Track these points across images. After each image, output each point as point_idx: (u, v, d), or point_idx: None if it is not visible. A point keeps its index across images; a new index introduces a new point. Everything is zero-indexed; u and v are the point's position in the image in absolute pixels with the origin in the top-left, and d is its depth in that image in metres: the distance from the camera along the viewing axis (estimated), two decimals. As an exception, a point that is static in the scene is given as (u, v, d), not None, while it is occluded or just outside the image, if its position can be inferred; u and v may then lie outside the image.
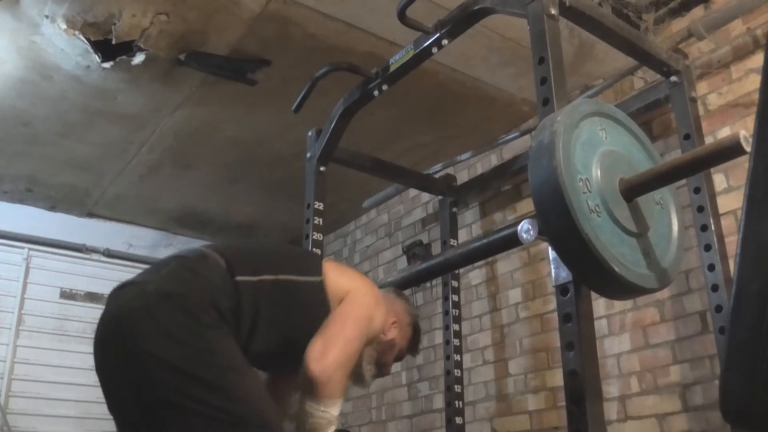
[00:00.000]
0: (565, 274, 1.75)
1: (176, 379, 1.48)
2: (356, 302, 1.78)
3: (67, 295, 4.45)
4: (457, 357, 3.28)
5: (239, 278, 1.64)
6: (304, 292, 1.75)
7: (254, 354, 1.65)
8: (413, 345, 2.11)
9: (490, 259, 3.51)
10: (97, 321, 1.67)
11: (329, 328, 1.70)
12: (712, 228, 2.40)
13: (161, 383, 1.49)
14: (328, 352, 1.65)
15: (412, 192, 4.18)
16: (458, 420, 3.15)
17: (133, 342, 1.51)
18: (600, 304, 2.90)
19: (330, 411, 1.65)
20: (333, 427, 1.68)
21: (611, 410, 2.80)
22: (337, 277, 1.81)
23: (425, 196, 4.09)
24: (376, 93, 2.66)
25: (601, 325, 2.90)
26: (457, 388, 3.21)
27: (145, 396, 1.52)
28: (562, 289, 1.76)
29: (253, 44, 2.90)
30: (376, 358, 1.94)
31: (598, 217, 1.60)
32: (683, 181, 2.45)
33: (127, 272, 4.65)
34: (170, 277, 1.61)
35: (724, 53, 2.71)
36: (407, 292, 3.90)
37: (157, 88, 3.19)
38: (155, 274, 1.64)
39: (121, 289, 1.65)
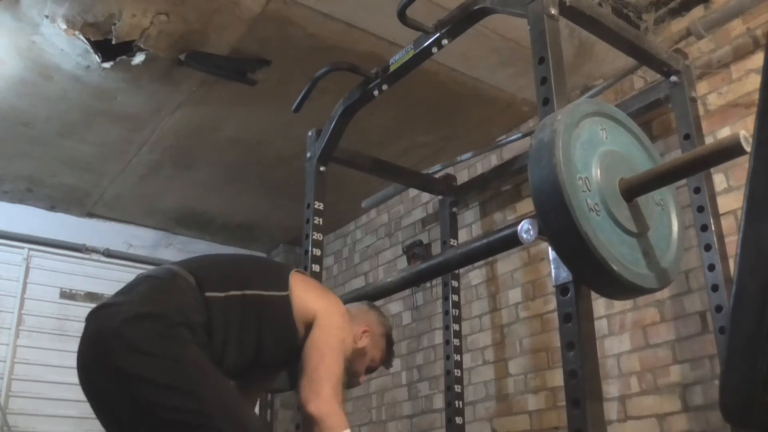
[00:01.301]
0: (565, 274, 1.74)
1: (151, 391, 1.52)
2: (326, 329, 1.79)
3: (67, 295, 4.45)
4: (457, 357, 3.28)
5: (208, 294, 1.68)
6: (270, 307, 1.77)
7: (227, 368, 1.69)
8: (387, 356, 2.10)
9: (490, 259, 3.51)
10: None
11: (309, 364, 1.72)
12: (712, 228, 2.40)
13: (138, 398, 1.53)
14: (318, 389, 1.67)
15: (412, 192, 4.18)
16: (458, 420, 3.15)
17: (108, 361, 1.55)
18: (600, 304, 2.90)
19: None
20: None
21: (611, 410, 2.80)
22: (303, 294, 1.82)
23: (425, 196, 4.09)
24: (376, 93, 2.66)
25: (601, 325, 2.90)
26: (457, 388, 3.21)
27: (126, 412, 1.57)
28: (562, 289, 1.76)
29: (253, 44, 2.90)
30: (347, 366, 1.93)
31: (598, 216, 1.60)
32: (683, 181, 2.44)
33: (127, 272, 4.66)
34: (141, 298, 1.65)
35: (724, 53, 2.71)
36: (407, 292, 3.94)
37: (157, 88, 3.19)
38: (127, 296, 1.68)
39: (96, 312, 1.69)
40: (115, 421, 1.64)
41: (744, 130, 1.54)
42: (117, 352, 1.54)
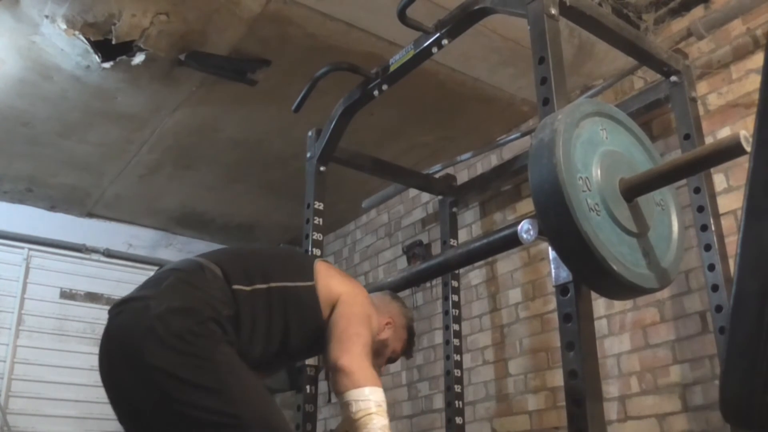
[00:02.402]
0: (565, 274, 1.75)
1: (181, 389, 1.50)
2: (352, 303, 1.81)
3: (67, 295, 4.45)
4: (457, 357, 3.28)
5: (236, 287, 1.67)
6: (296, 297, 1.77)
7: (253, 359, 1.68)
8: (408, 347, 2.12)
9: (490, 259, 3.51)
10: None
11: (337, 329, 1.73)
12: (712, 228, 2.40)
13: (166, 395, 1.51)
14: (349, 347, 1.68)
15: (412, 192, 4.18)
16: (458, 420, 3.15)
17: (139, 357, 1.53)
18: (600, 304, 2.90)
19: (374, 395, 1.64)
20: (383, 409, 1.65)
21: (611, 410, 2.80)
22: (327, 281, 1.84)
23: (425, 196, 4.09)
24: (376, 93, 2.66)
25: (601, 325, 2.90)
26: (457, 388, 3.21)
27: (149, 408, 1.55)
28: (562, 289, 1.76)
29: (253, 44, 2.90)
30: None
31: (598, 215, 1.60)
32: (683, 181, 2.45)
33: (126, 272, 4.67)
34: (171, 292, 1.63)
35: (724, 53, 2.71)
36: (407, 292, 3.94)
37: (157, 88, 3.19)
38: (155, 289, 1.65)
39: (123, 304, 1.67)
40: (135, 417, 1.62)
41: (744, 130, 1.54)
42: (147, 347, 1.52)
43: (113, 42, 2.79)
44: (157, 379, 1.51)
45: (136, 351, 1.53)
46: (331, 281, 1.84)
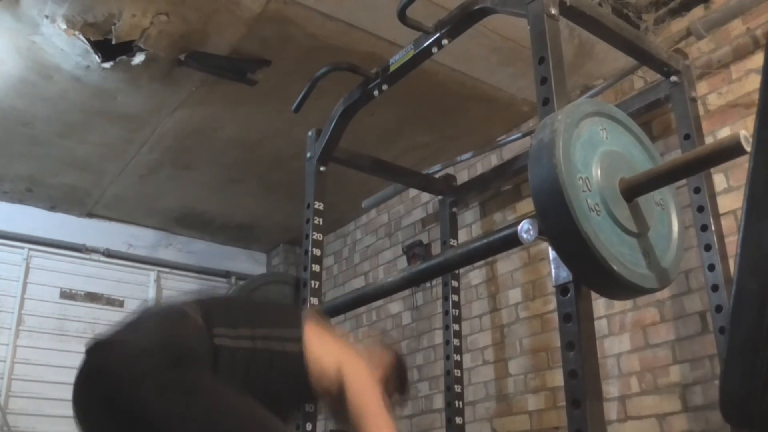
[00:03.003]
0: (565, 274, 1.74)
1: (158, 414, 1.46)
2: (359, 377, 1.69)
3: (67, 295, 4.45)
4: (457, 357, 3.28)
5: (217, 342, 1.59)
6: (283, 363, 1.68)
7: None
8: (401, 387, 2.04)
9: (490, 259, 3.51)
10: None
11: (351, 403, 1.63)
12: (712, 228, 2.40)
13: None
14: (364, 401, 1.62)
15: (412, 192, 4.18)
16: (458, 420, 3.15)
17: (115, 395, 1.49)
18: (600, 304, 2.90)
19: None
20: None
21: (611, 410, 2.80)
22: (319, 349, 1.71)
23: (425, 196, 4.09)
24: (376, 93, 2.66)
25: (601, 325, 2.90)
26: (457, 388, 3.21)
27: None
28: (562, 289, 1.76)
29: (253, 44, 2.90)
30: None
31: (598, 215, 1.60)
32: (683, 181, 2.44)
33: (127, 272, 4.67)
34: (148, 334, 1.57)
35: (724, 53, 2.71)
36: (407, 292, 3.94)
37: (157, 88, 3.19)
38: (133, 332, 1.60)
39: (100, 346, 1.61)
40: None
41: (744, 130, 1.54)
42: (127, 389, 1.47)
43: (113, 42, 2.79)
44: (131, 411, 1.47)
45: (113, 397, 1.49)
46: (323, 349, 1.71)
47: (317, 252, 2.71)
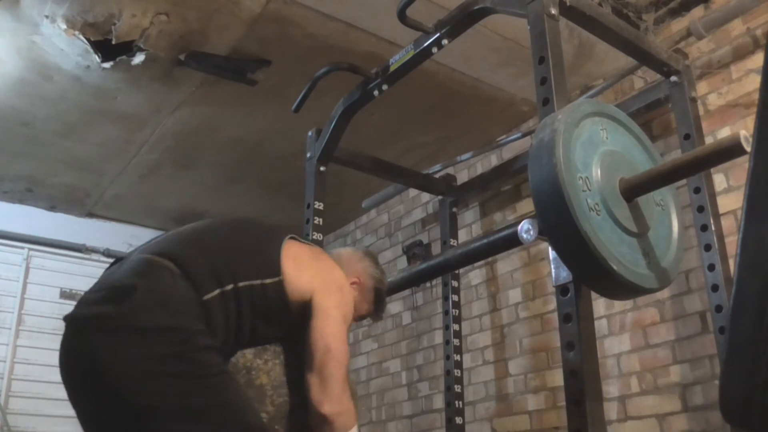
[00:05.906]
0: (565, 274, 1.75)
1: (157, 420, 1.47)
2: (327, 315, 1.70)
3: (67, 295, 4.45)
4: (457, 357, 3.28)
5: (205, 297, 1.58)
6: (263, 296, 1.68)
7: (225, 353, 1.63)
8: (375, 310, 2.02)
9: (490, 259, 3.51)
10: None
11: (316, 359, 1.65)
12: (712, 228, 2.40)
13: (135, 407, 1.49)
14: (330, 389, 1.62)
15: (412, 192, 4.18)
16: (458, 420, 3.15)
17: (105, 375, 1.52)
18: (600, 304, 2.90)
19: None
20: None
21: (611, 410, 2.80)
22: (296, 275, 1.72)
23: (425, 196, 4.09)
24: (376, 93, 2.66)
25: (601, 325, 2.90)
26: (457, 388, 3.21)
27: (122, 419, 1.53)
28: (562, 289, 1.76)
29: (253, 44, 2.90)
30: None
31: (598, 215, 1.60)
32: (683, 181, 2.45)
33: (127, 272, 4.65)
34: (139, 310, 1.56)
35: (724, 53, 2.71)
36: (407, 292, 3.94)
37: (157, 88, 3.19)
38: (122, 305, 1.59)
39: (87, 320, 1.62)
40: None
41: (744, 130, 1.54)
42: (118, 378, 1.50)
43: (113, 42, 2.79)
44: (133, 411, 1.49)
45: (103, 369, 1.53)
46: (300, 276, 1.72)
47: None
